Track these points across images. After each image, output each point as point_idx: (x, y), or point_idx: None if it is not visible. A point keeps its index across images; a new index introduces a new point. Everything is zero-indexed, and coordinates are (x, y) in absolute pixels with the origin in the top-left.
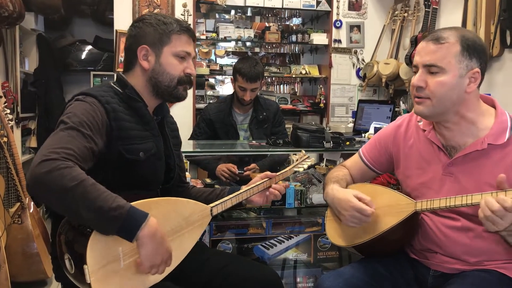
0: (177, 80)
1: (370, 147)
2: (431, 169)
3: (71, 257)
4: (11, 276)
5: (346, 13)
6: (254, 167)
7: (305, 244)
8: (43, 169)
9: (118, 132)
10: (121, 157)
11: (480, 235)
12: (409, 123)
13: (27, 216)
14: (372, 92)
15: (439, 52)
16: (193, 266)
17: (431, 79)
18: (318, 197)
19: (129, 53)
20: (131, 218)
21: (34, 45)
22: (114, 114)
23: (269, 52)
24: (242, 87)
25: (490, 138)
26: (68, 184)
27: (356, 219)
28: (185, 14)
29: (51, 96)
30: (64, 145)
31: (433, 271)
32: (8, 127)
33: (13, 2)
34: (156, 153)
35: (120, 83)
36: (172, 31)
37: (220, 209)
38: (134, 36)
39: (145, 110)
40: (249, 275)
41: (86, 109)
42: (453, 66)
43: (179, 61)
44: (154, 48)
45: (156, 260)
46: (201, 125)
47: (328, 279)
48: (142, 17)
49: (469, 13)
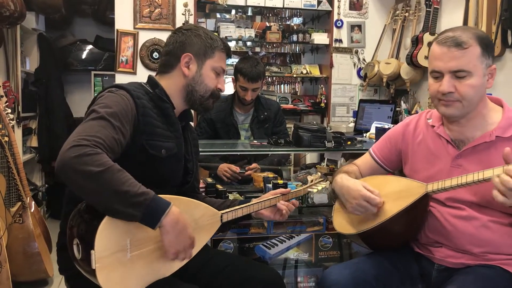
0: (211, 92)
1: (381, 145)
2: (439, 162)
3: (79, 242)
4: (12, 275)
5: (347, 13)
6: (256, 167)
7: (307, 244)
8: (73, 153)
9: (144, 127)
10: (143, 152)
11: (486, 225)
12: (418, 121)
13: (28, 215)
14: (373, 91)
15: (464, 57)
16: (195, 266)
17: (460, 84)
18: (319, 196)
19: (171, 57)
20: (155, 205)
21: (35, 45)
22: (143, 110)
23: (270, 51)
24: (243, 87)
25: (498, 131)
26: (96, 169)
27: (363, 207)
28: (186, 14)
29: (52, 96)
30: (94, 134)
31: (437, 265)
32: (9, 127)
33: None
34: (177, 153)
35: (151, 83)
36: (217, 47)
37: (230, 216)
38: (180, 42)
39: (172, 112)
40: (251, 275)
41: (118, 101)
42: (478, 68)
43: (215, 76)
44: (198, 58)
45: (179, 247)
46: (202, 125)
47: (335, 271)
48: (189, 26)
49: (470, 12)
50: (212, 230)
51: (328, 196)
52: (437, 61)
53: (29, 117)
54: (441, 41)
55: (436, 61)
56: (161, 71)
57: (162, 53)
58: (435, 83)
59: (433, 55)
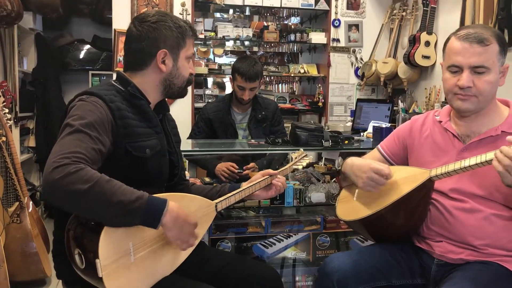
0: (187, 81)
1: (389, 142)
2: (445, 155)
3: (81, 252)
4: (10, 275)
5: (344, 12)
6: (253, 166)
7: (304, 243)
8: (57, 175)
9: (124, 130)
10: (128, 155)
11: (488, 217)
12: (426, 118)
13: (26, 215)
14: (370, 91)
15: (485, 53)
16: (194, 265)
17: (478, 79)
18: (317, 195)
19: (144, 55)
20: (151, 207)
21: (33, 45)
22: (119, 113)
23: (268, 51)
24: (241, 86)
25: (504, 126)
26: (84, 186)
27: (374, 181)
28: (184, 13)
29: (50, 96)
30: (73, 149)
31: (437, 260)
32: (6, 127)
33: (11, 1)
34: (161, 150)
35: (122, 81)
36: (187, 35)
37: (224, 205)
38: (153, 38)
39: (148, 107)
40: (249, 273)
41: (91, 110)
42: (495, 65)
43: (188, 63)
44: (172, 52)
45: (185, 237)
46: (199, 124)
47: (337, 258)
48: (155, 18)
49: (467, 12)
50: (209, 221)
51: (325, 195)
52: (457, 56)
53: (26, 117)
54: (462, 36)
55: (456, 56)
56: (133, 68)
57: (131, 49)
58: (452, 77)
59: (453, 50)
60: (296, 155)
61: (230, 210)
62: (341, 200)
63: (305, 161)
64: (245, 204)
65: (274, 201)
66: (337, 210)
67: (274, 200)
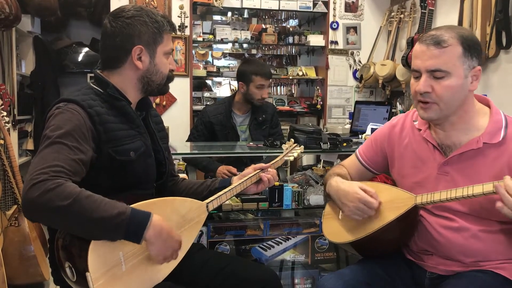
0: (167, 77)
1: (366, 147)
2: (426, 168)
3: (72, 265)
4: (8, 278)
5: (342, 15)
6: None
7: (303, 245)
8: (35, 193)
9: (106, 135)
10: (112, 160)
11: (476, 235)
12: (404, 123)
13: (24, 218)
14: (368, 93)
15: (442, 56)
16: (193, 267)
17: (437, 84)
18: (315, 198)
19: (119, 51)
20: (134, 221)
21: (31, 48)
22: (99, 118)
23: (266, 53)
24: (260, 85)
25: (485, 137)
26: (63, 202)
27: (361, 211)
28: (182, 16)
29: (48, 99)
30: (50, 163)
31: (429, 273)
32: (4, 130)
33: (9, 4)
34: (146, 151)
35: (100, 82)
36: (164, 30)
37: (215, 204)
38: (127, 34)
39: (129, 108)
40: (248, 275)
41: (68, 118)
42: (457, 68)
43: (167, 59)
44: (148, 48)
45: (167, 253)
46: (199, 128)
47: (329, 281)
48: (131, 13)
49: (465, 14)
50: (201, 222)
51: (324, 197)
52: (416, 59)
53: (25, 120)
54: (422, 39)
55: (415, 59)
56: (109, 66)
57: (105, 46)
58: (414, 82)
59: (414, 54)
60: (286, 146)
61: (229, 213)
62: (326, 217)
63: (296, 152)
64: (243, 207)
65: (272, 203)
66: (323, 227)
67: (272, 203)
